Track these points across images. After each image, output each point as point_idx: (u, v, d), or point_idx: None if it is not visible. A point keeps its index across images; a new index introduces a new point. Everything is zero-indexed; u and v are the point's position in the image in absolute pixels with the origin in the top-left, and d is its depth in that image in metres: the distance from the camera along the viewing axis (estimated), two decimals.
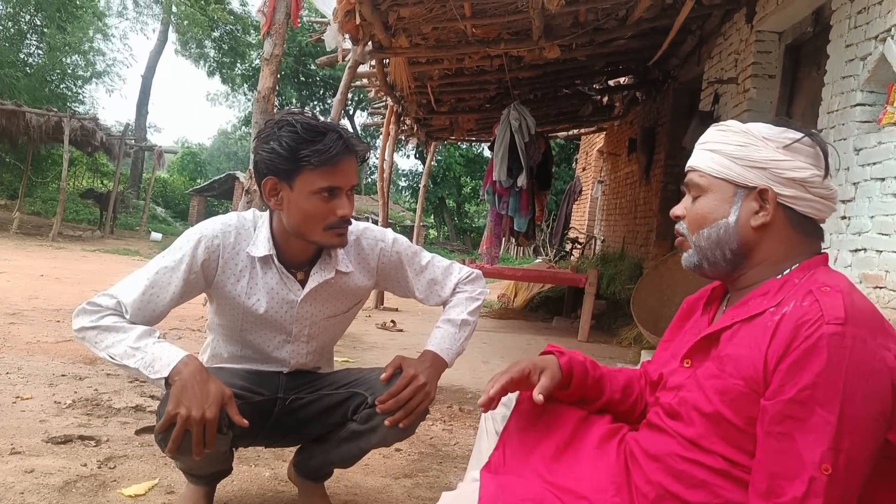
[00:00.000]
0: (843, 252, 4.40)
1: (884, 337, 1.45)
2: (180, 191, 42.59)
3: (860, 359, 1.41)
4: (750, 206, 1.66)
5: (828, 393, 1.40)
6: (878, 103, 4.38)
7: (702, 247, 1.72)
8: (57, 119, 20.31)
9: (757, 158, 1.64)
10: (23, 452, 3.17)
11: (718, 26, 7.60)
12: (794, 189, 1.63)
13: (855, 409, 1.39)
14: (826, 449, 1.39)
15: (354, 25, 6.48)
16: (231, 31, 38.40)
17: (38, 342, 5.66)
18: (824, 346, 1.42)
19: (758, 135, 1.67)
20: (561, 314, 10.92)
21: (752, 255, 1.68)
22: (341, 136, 2.30)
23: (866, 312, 1.47)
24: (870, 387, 1.40)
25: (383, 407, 2.41)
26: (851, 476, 1.39)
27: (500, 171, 9.37)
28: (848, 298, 1.48)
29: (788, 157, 1.63)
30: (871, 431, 1.40)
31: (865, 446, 1.39)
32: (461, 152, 39.03)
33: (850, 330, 1.42)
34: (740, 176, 1.66)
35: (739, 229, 1.67)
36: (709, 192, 1.71)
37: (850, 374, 1.40)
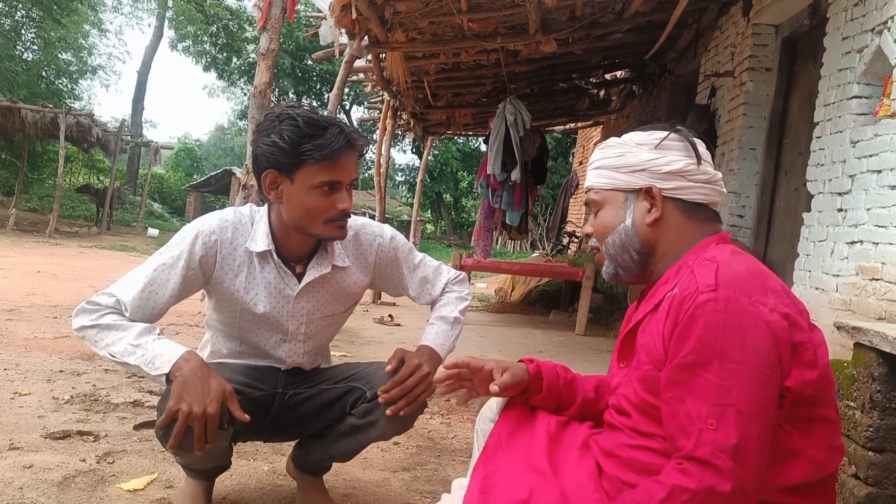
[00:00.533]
0: (839, 244, 4.41)
1: (762, 294, 1.53)
2: (177, 187, 42.52)
3: (734, 318, 1.50)
4: (641, 206, 1.80)
5: (706, 355, 1.50)
6: (875, 95, 4.39)
7: (612, 254, 1.85)
8: (53, 115, 20.28)
9: (634, 163, 1.78)
10: (21, 448, 3.18)
11: (715, 20, 7.60)
12: (676, 181, 1.76)
13: (734, 364, 1.47)
14: (711, 406, 1.47)
15: (351, 20, 6.47)
16: (227, 25, 38.33)
17: (36, 338, 5.66)
18: (700, 314, 1.52)
19: (631, 143, 1.82)
20: (558, 308, 10.93)
21: (654, 250, 1.80)
22: (343, 131, 2.30)
23: (741, 275, 1.56)
24: (747, 342, 1.48)
25: (387, 396, 2.41)
26: (744, 428, 1.44)
27: (494, 166, 9.36)
28: (723, 266, 1.58)
29: (661, 154, 1.77)
30: (756, 383, 1.47)
31: (753, 398, 1.46)
32: (458, 147, 39.00)
33: (721, 293, 1.52)
34: (626, 182, 1.80)
35: (637, 229, 1.80)
36: (605, 205, 1.85)
37: (726, 333, 1.49)
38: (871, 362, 2.78)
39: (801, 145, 5.83)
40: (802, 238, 4.97)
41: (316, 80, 39.71)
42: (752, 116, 6.52)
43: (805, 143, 5.40)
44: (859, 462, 2.75)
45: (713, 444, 1.44)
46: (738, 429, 1.43)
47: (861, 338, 2.85)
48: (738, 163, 6.57)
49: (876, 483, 2.71)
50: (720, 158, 7.04)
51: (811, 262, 4.78)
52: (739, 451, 1.42)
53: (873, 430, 2.72)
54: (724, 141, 6.99)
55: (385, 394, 2.42)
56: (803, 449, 1.55)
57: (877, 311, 3.93)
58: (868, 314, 4.00)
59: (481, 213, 10.42)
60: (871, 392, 2.74)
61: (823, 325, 4.34)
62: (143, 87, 39.27)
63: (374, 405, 2.49)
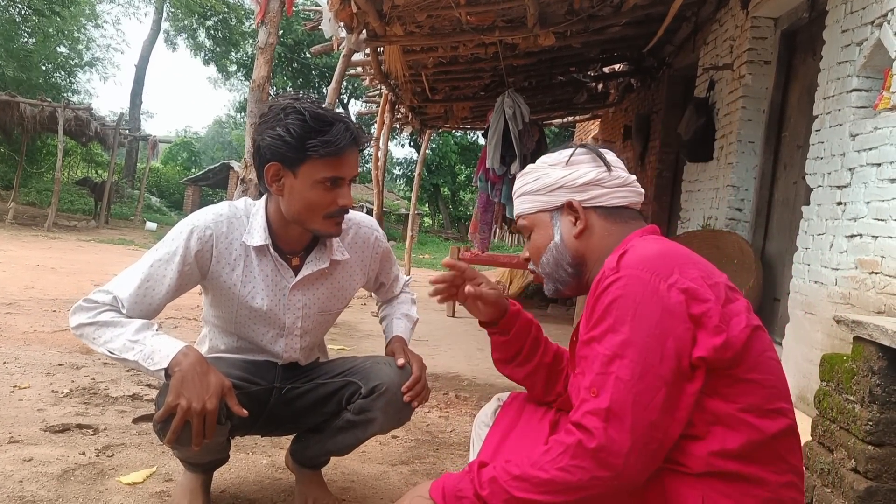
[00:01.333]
0: (838, 238, 4.41)
1: (664, 270, 1.59)
2: (175, 180, 42.49)
3: (629, 292, 1.58)
4: (566, 221, 1.89)
5: (601, 329, 1.60)
6: (875, 88, 4.38)
7: (548, 272, 1.94)
8: (51, 109, 20.29)
9: (550, 182, 1.89)
10: (21, 441, 3.18)
11: (714, 13, 7.59)
12: (592, 190, 1.86)
13: (621, 336, 1.55)
14: (595, 375, 1.57)
15: (349, 14, 6.46)
16: (225, 19, 38.30)
17: (35, 332, 5.66)
18: (601, 295, 1.62)
19: (544, 165, 1.93)
20: (556, 301, 10.93)
21: (585, 259, 1.89)
22: (349, 128, 2.30)
23: (645, 256, 1.64)
24: (637, 314, 1.56)
25: (413, 393, 2.50)
26: (620, 392, 1.52)
27: (493, 159, 9.36)
28: (629, 251, 1.67)
29: (573, 170, 1.88)
30: (639, 352, 1.53)
31: (634, 366, 1.53)
32: (456, 140, 38.97)
33: (621, 272, 1.61)
34: (548, 202, 1.91)
35: (566, 243, 1.89)
36: (535, 228, 1.95)
37: (620, 308, 1.57)
38: (871, 356, 2.77)
39: (800, 138, 5.82)
40: (801, 231, 4.96)
41: (315, 74, 39.66)
42: (750, 110, 6.51)
43: (804, 137, 5.39)
44: (859, 456, 2.75)
45: (588, 408, 1.54)
46: (613, 394, 1.52)
47: (860, 331, 2.84)
48: (737, 156, 6.56)
49: (875, 477, 2.71)
50: (719, 152, 7.03)
51: (810, 256, 4.78)
52: (611, 413, 1.51)
53: (873, 424, 2.72)
54: (722, 134, 6.99)
55: (409, 391, 2.49)
56: (731, 413, 1.58)
57: (876, 304, 3.93)
58: (867, 308, 4.00)
59: (478, 206, 10.42)
60: (871, 386, 2.74)
61: (822, 319, 4.36)
62: (142, 81, 39.26)
63: (371, 402, 2.50)
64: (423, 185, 35.31)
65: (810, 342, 4.58)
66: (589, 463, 1.51)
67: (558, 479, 1.53)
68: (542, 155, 2.03)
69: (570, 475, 1.52)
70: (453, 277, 2.16)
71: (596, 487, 1.52)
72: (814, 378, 3.15)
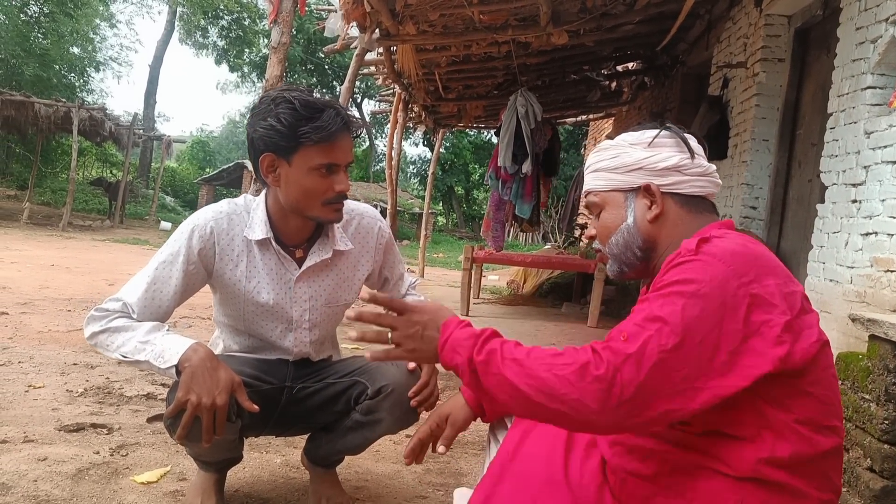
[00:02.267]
0: (853, 236, 4.38)
1: (742, 267, 1.54)
2: (189, 180, 42.62)
3: (698, 276, 1.53)
4: (641, 203, 1.82)
5: (658, 295, 1.55)
6: (889, 86, 4.36)
7: (615, 253, 1.87)
8: (66, 109, 20.38)
9: (630, 162, 1.82)
10: (36, 440, 3.20)
11: (727, 10, 7.56)
12: (672, 176, 1.80)
13: (673, 307, 1.51)
14: (633, 324, 1.53)
15: (362, 13, 6.47)
16: (238, 19, 38.40)
17: (50, 331, 5.68)
18: (672, 269, 1.59)
19: (625, 143, 1.85)
20: (570, 300, 10.92)
21: (656, 245, 1.82)
22: (339, 113, 2.30)
23: (728, 249, 1.58)
24: (698, 297, 1.51)
25: (419, 398, 2.48)
26: (648, 351, 1.47)
27: (505, 158, 9.34)
28: (713, 239, 1.62)
29: (655, 152, 1.80)
30: (686, 331, 1.49)
31: (674, 338, 1.48)
32: (470, 139, 38.96)
33: (701, 257, 1.56)
34: (624, 182, 1.83)
35: (639, 226, 1.82)
36: (606, 206, 1.88)
37: (683, 285, 1.53)
38: (887, 354, 2.76)
39: (814, 136, 5.80)
40: (816, 229, 4.94)
41: (328, 73, 39.74)
42: (764, 107, 6.48)
43: (818, 134, 5.37)
44: (874, 455, 2.74)
45: (613, 345, 1.51)
46: (641, 346, 1.48)
47: (876, 330, 2.83)
48: (751, 154, 6.53)
49: (891, 476, 2.70)
50: (733, 150, 7.00)
51: (825, 254, 4.76)
52: (630, 359, 1.47)
53: (889, 423, 2.70)
54: (736, 132, 6.96)
55: (416, 396, 2.47)
56: (786, 422, 1.55)
57: (892, 302, 3.91)
58: (883, 306, 3.98)
59: (491, 204, 10.40)
60: (887, 384, 2.73)
61: (838, 317, 4.34)
62: (156, 81, 39.40)
63: (377, 403, 2.51)
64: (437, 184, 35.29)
65: None
66: (586, 384, 1.48)
67: (549, 381, 1.50)
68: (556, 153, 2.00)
69: (560, 384, 1.49)
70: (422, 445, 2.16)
71: (575, 410, 1.48)
72: None
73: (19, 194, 26.94)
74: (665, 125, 1.84)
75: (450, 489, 3.09)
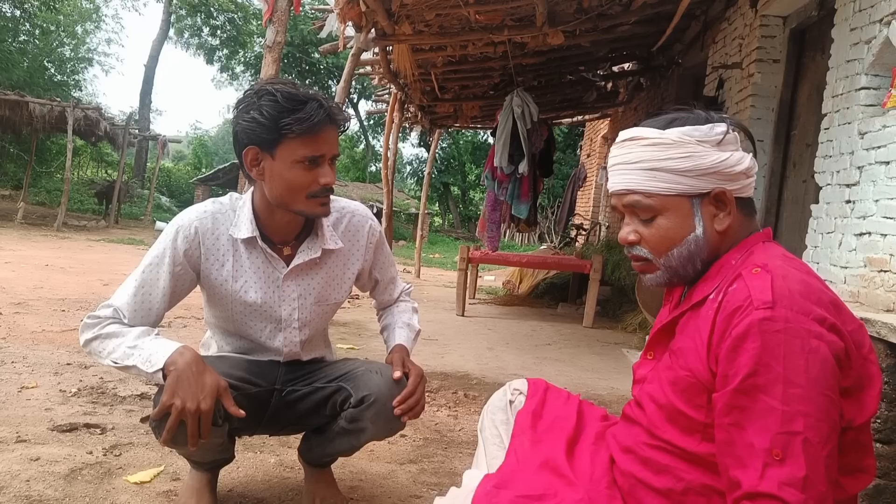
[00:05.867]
0: (847, 236, 4.39)
1: (820, 310, 1.44)
2: (185, 180, 42.58)
3: (795, 339, 1.40)
4: (709, 211, 1.65)
5: (767, 378, 1.39)
6: (883, 87, 4.36)
7: (673, 266, 1.68)
8: (60, 109, 20.32)
9: (705, 165, 1.62)
10: (28, 440, 3.19)
11: (723, 11, 7.57)
12: (741, 181, 1.65)
13: (799, 389, 1.38)
14: (775, 434, 1.37)
15: (357, 12, 6.47)
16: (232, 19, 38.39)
17: (44, 331, 5.67)
18: (756, 333, 1.41)
19: (690, 140, 1.63)
20: (566, 300, 10.93)
21: (718, 256, 1.68)
22: (322, 105, 2.28)
23: (797, 289, 1.46)
24: (811, 365, 1.39)
25: (404, 407, 2.45)
26: (813, 457, 1.35)
27: (501, 158, 9.35)
28: (778, 279, 1.47)
29: (728, 154, 1.63)
30: (822, 409, 1.38)
31: (820, 425, 1.37)
32: (466, 139, 38.98)
33: (780, 312, 1.42)
34: (693, 187, 1.63)
35: (708, 237, 1.65)
36: (665, 212, 1.67)
37: (788, 356, 1.39)
38: (880, 354, 2.77)
39: (808, 137, 5.81)
40: (810, 230, 4.94)
41: (323, 74, 39.72)
42: (759, 108, 6.49)
43: (813, 135, 5.37)
44: None
45: (781, 476, 1.35)
46: (806, 459, 1.34)
47: (869, 329, 2.84)
48: None
49: (884, 475, 2.70)
50: None
51: (819, 254, 4.77)
52: (809, 482, 1.34)
53: (881, 422, 2.71)
54: None
55: (401, 405, 2.45)
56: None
57: (885, 302, 3.91)
58: (876, 306, 3.99)
59: (487, 204, 10.41)
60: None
61: None
62: (151, 81, 39.33)
63: (360, 412, 2.49)
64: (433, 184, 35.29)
65: None
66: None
67: None
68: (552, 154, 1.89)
69: None
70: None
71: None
72: None
73: (14, 194, 26.89)
74: (731, 119, 1.69)
75: (444, 489, 3.09)
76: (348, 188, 33.00)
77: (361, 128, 43.76)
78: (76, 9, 33.42)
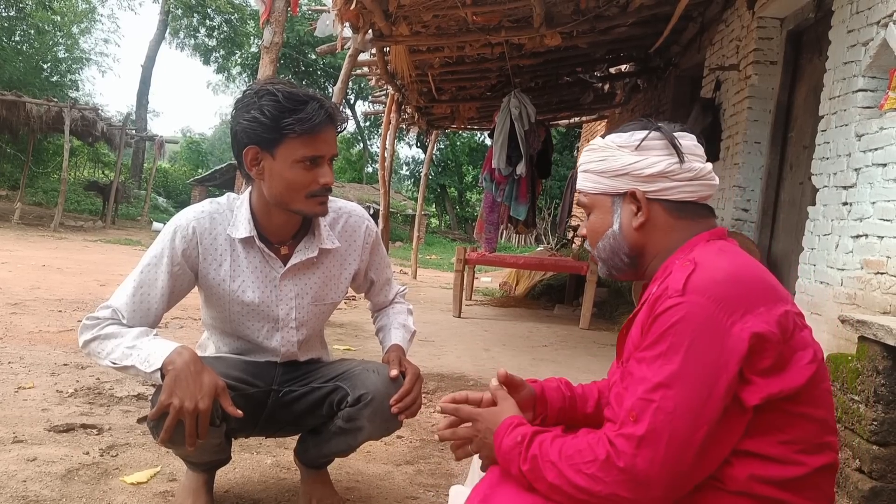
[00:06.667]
0: (844, 238, 4.40)
1: (735, 304, 1.52)
2: (182, 181, 42.56)
3: (690, 323, 1.50)
4: (628, 209, 1.79)
5: (652, 354, 1.53)
6: (880, 89, 4.37)
7: (603, 258, 1.86)
8: (57, 109, 20.31)
9: (617, 167, 1.77)
10: (25, 441, 3.18)
11: (720, 13, 7.59)
12: (659, 182, 1.74)
13: (672, 366, 1.50)
14: (636, 399, 1.52)
15: (354, 13, 6.47)
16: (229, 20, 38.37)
17: (40, 332, 5.67)
18: (662, 318, 1.54)
19: (612, 145, 1.79)
20: (563, 302, 10.93)
21: (644, 252, 1.80)
22: (322, 105, 2.28)
23: (717, 280, 1.55)
24: (695, 347, 1.49)
25: (401, 405, 2.46)
26: (659, 424, 1.48)
27: (499, 159, 9.35)
28: (698, 270, 1.57)
29: (642, 157, 1.75)
30: (690, 386, 1.48)
31: (682, 401, 1.48)
32: (463, 141, 38.99)
33: (688, 298, 1.52)
34: (611, 187, 1.79)
35: (625, 233, 1.79)
36: (594, 209, 1.85)
37: (676, 335, 1.51)
38: (876, 356, 2.77)
39: (806, 139, 5.82)
40: (807, 232, 4.95)
41: (320, 75, 39.71)
42: (756, 110, 6.51)
43: (810, 137, 5.39)
44: (863, 456, 2.74)
45: (624, 431, 1.51)
46: (650, 423, 1.48)
47: (866, 331, 2.84)
48: (743, 156, 6.55)
49: (880, 477, 2.70)
50: (725, 152, 7.02)
51: (816, 256, 4.77)
52: (644, 442, 1.48)
53: (877, 424, 2.71)
54: (729, 135, 6.98)
55: (398, 404, 2.46)
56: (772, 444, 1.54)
57: (882, 304, 3.92)
58: (873, 308, 3.99)
59: (484, 206, 10.41)
60: (876, 386, 2.73)
61: (828, 319, 4.35)
62: (148, 82, 39.26)
63: (357, 411, 2.49)
64: (430, 185, 35.32)
65: None
66: (612, 478, 1.51)
67: (582, 482, 1.54)
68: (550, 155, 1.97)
69: (594, 484, 1.52)
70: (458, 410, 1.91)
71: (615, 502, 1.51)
72: None
73: (10, 194, 26.85)
74: (655, 126, 1.78)
75: (441, 490, 3.09)
76: (345, 189, 33.01)
77: (358, 129, 43.79)
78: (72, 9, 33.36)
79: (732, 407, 1.50)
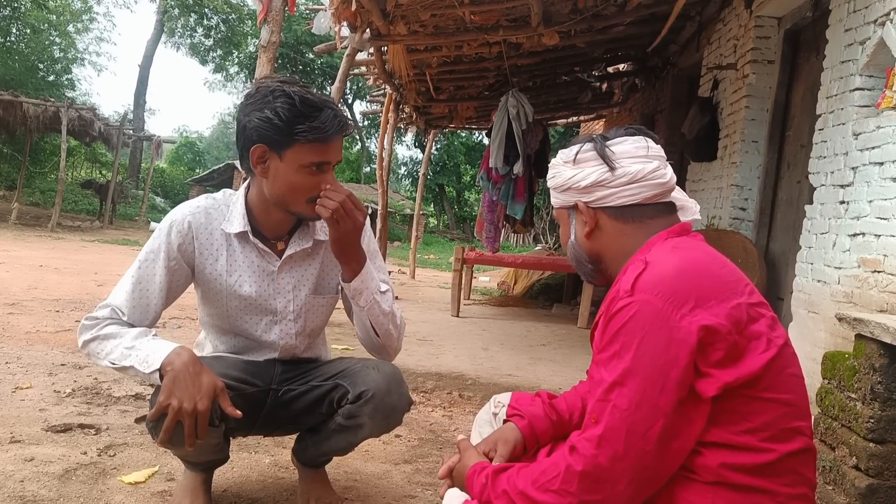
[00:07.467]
0: (841, 237, 4.40)
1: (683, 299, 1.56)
2: (179, 181, 42.53)
3: (639, 321, 1.55)
4: (580, 220, 1.87)
5: (607, 355, 1.59)
6: (877, 88, 4.38)
7: (574, 266, 1.97)
8: (55, 109, 20.31)
9: (560, 183, 1.86)
10: (23, 441, 3.18)
11: (717, 12, 7.59)
12: (597, 191, 1.80)
13: (624, 363, 1.54)
14: (595, 401, 1.58)
15: (352, 12, 6.46)
16: (227, 19, 38.34)
17: (38, 332, 5.66)
18: (614, 319, 1.60)
19: (559, 162, 1.89)
20: (561, 301, 10.94)
21: (601, 258, 1.88)
22: (337, 115, 2.29)
23: (665, 277, 1.59)
24: (647, 343, 1.54)
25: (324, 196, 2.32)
26: (616, 421, 1.52)
27: (496, 159, 9.35)
28: (648, 269, 1.62)
29: (578, 170, 1.82)
30: (646, 380, 1.52)
31: (633, 395, 1.52)
32: (461, 140, 38.98)
33: (636, 297, 1.57)
34: (563, 201, 1.89)
35: (580, 243, 1.89)
36: (560, 221, 1.97)
37: (627, 335, 1.56)
38: (873, 354, 2.77)
39: (803, 137, 5.82)
40: (805, 230, 4.96)
41: (318, 74, 39.69)
42: (754, 109, 6.51)
43: (807, 136, 5.39)
44: (860, 453, 2.74)
45: (585, 434, 1.57)
46: (608, 421, 1.53)
47: (862, 329, 2.84)
48: (741, 155, 6.56)
49: (877, 474, 2.70)
50: (723, 151, 7.03)
51: (813, 255, 4.78)
52: (603, 440, 1.52)
53: (874, 422, 2.71)
54: (726, 133, 6.98)
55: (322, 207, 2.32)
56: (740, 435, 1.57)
57: (878, 302, 3.92)
58: (870, 306, 4.00)
59: (483, 205, 10.41)
60: (873, 383, 2.73)
61: (825, 317, 4.35)
62: (145, 81, 39.26)
63: (358, 408, 2.48)
64: (428, 185, 35.32)
65: (813, 341, 4.57)
66: (576, 487, 1.54)
67: (553, 501, 1.56)
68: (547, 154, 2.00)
69: (562, 498, 1.55)
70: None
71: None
72: (816, 376, 3.15)
73: (7, 194, 26.85)
74: (590, 137, 1.85)
75: (439, 489, 3.09)
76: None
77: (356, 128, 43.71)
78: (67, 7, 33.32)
79: (690, 399, 1.53)
